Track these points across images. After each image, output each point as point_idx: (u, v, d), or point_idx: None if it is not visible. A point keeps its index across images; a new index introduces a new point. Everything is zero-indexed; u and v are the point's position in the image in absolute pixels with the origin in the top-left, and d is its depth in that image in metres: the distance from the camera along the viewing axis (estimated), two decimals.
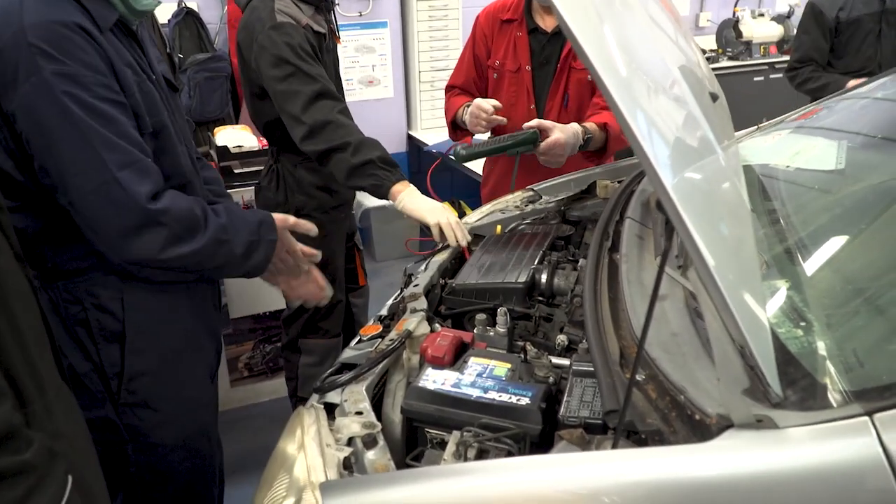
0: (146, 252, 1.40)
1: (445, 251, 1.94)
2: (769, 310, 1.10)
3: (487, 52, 2.55)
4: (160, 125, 1.50)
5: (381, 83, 4.75)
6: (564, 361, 1.39)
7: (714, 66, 5.26)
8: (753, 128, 2.22)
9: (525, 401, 1.22)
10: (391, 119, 4.86)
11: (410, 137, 4.92)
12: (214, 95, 4.15)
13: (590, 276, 1.46)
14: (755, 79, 5.56)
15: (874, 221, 1.38)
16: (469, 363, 1.35)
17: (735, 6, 5.85)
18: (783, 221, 1.46)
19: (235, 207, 1.63)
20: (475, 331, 1.50)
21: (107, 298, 1.51)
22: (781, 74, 5.66)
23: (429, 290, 1.71)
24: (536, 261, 1.73)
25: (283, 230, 1.66)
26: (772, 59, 5.62)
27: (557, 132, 2.17)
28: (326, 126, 2.07)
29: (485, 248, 1.89)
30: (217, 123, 4.09)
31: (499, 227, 2.11)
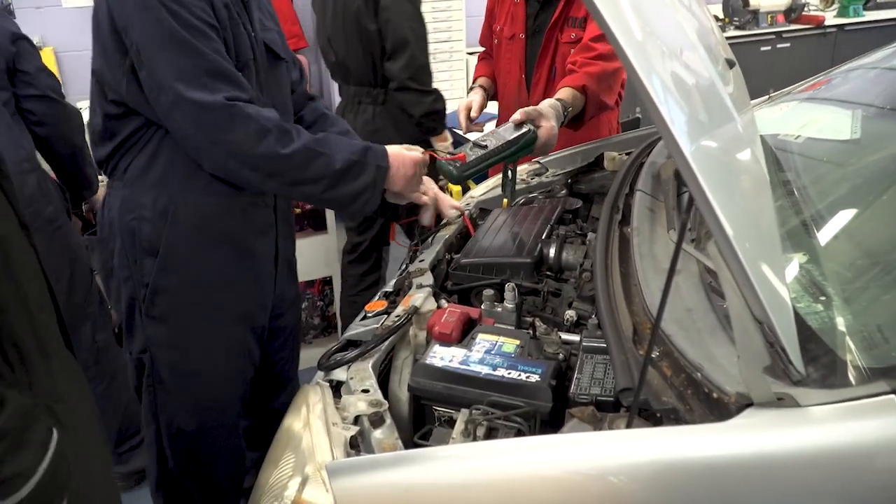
0: (239, 147, 1.49)
1: (450, 227, 1.91)
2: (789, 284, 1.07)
3: (493, 17, 2.52)
4: (241, 68, 1.57)
5: None
6: (574, 337, 1.36)
7: None
8: (765, 97, 2.16)
9: (535, 378, 1.20)
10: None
11: None
12: None
13: (600, 251, 1.42)
14: (762, 48, 5.47)
15: (893, 192, 1.34)
16: (477, 340, 1.32)
17: None
18: (798, 193, 1.42)
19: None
20: (483, 307, 1.47)
21: (156, 212, 1.60)
22: (789, 44, 5.60)
23: (434, 266, 1.68)
24: (544, 235, 1.69)
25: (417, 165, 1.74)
26: (779, 29, 5.53)
27: (546, 120, 1.91)
28: None
29: (491, 223, 1.85)
30: None
31: (505, 201, 2.07)
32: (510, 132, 1.83)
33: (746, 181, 1.02)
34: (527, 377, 1.20)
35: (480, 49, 2.72)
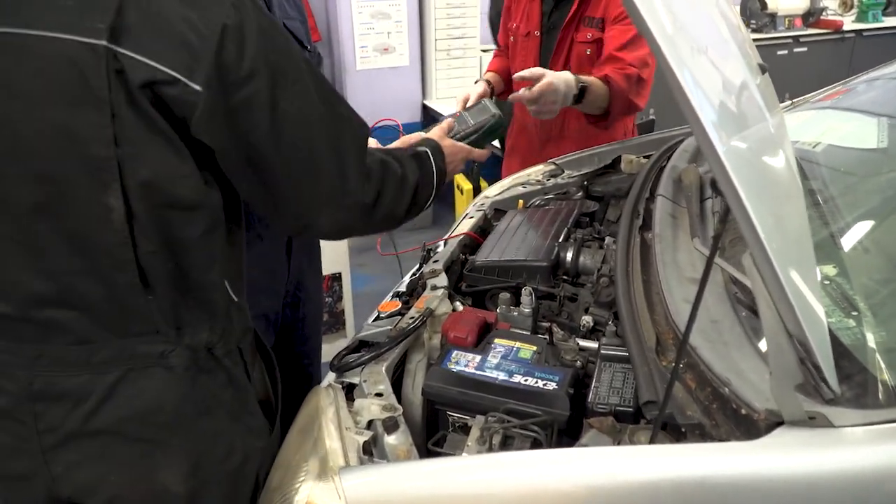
0: None
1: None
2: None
3: (510, 14, 2.49)
4: None
5: (397, 51, 4.64)
6: (591, 344, 1.33)
7: None
8: (787, 103, 2.13)
9: (552, 386, 1.17)
10: (406, 88, 4.76)
11: (425, 107, 4.82)
12: None
13: (621, 257, 1.39)
14: (779, 52, 5.42)
15: None
16: (493, 345, 1.29)
17: None
18: (824, 202, 1.39)
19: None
20: (499, 310, 1.44)
21: None
22: (806, 49, 5.54)
23: (448, 267, 1.65)
24: (561, 238, 1.66)
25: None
26: (796, 33, 5.48)
27: (548, 77, 1.94)
28: None
29: (506, 224, 1.82)
30: None
31: (520, 202, 2.04)
32: (476, 115, 1.68)
33: (780, 187, 0.99)
34: (544, 385, 1.17)
35: (494, 46, 2.69)
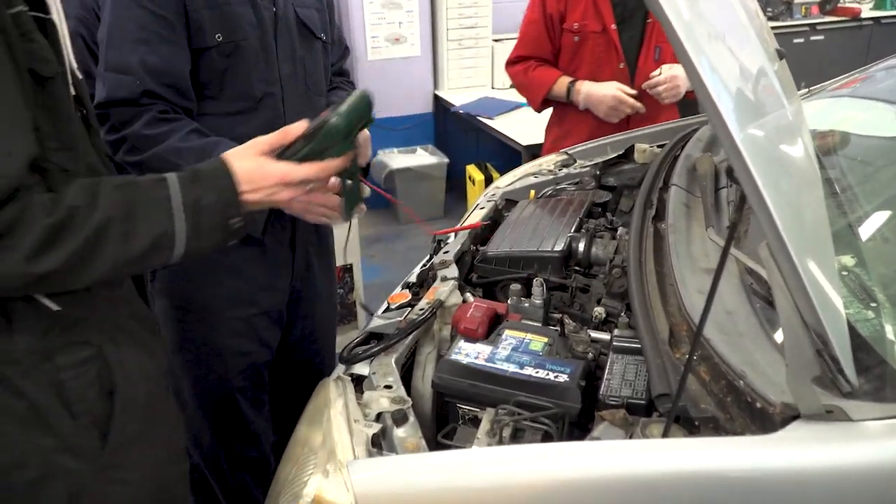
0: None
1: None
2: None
3: (562, 16, 2.42)
4: (233, 46, 1.54)
5: (408, 41, 4.61)
6: (603, 336, 1.31)
7: None
8: (803, 91, 2.09)
9: (563, 378, 1.15)
10: (417, 78, 4.73)
11: (437, 98, 4.80)
12: None
13: (633, 248, 1.37)
14: (795, 41, 5.34)
15: None
16: (504, 336, 1.28)
17: None
18: (842, 192, 1.36)
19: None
20: (509, 302, 1.43)
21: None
22: (823, 37, 5.47)
23: (459, 257, 1.63)
24: (573, 228, 1.64)
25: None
26: (813, 20, 5.40)
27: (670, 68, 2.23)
28: None
29: (518, 214, 1.80)
30: None
31: (532, 192, 2.02)
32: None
33: (798, 175, 0.96)
34: (555, 377, 1.15)
35: (506, 35, 2.63)
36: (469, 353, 1.23)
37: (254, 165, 1.05)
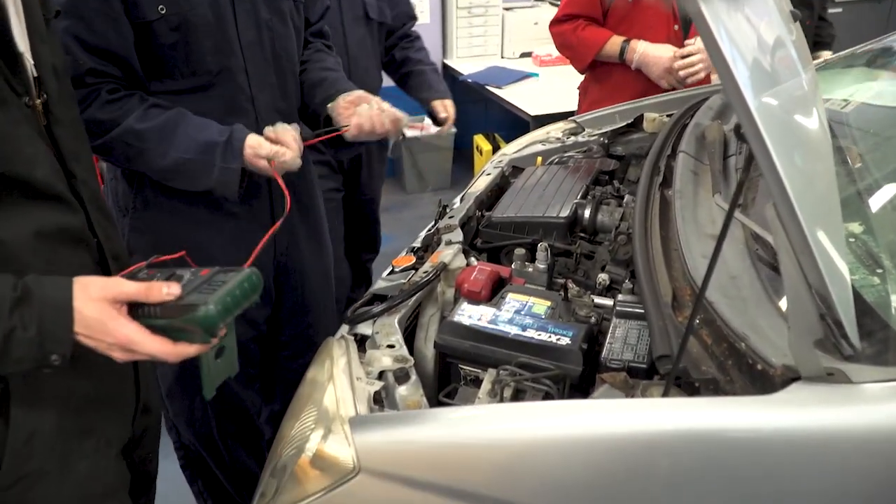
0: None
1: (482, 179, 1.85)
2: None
3: None
4: (180, 18, 1.42)
5: (417, 8, 4.53)
6: (607, 301, 1.31)
7: None
8: (819, 60, 2.06)
9: (565, 341, 1.15)
10: (426, 46, 4.68)
11: (446, 66, 4.75)
12: None
13: (640, 213, 1.36)
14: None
15: None
16: (507, 299, 1.28)
17: None
18: (852, 160, 1.35)
19: (197, 123, 1.47)
20: (513, 266, 1.43)
21: (124, 174, 1.59)
22: (841, 9, 5.37)
23: (464, 223, 1.63)
24: (579, 195, 1.64)
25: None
26: None
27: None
28: None
29: (524, 180, 1.80)
30: None
31: (539, 159, 2.01)
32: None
33: (807, 139, 0.95)
34: (557, 339, 1.16)
35: (517, 4, 2.57)
36: (472, 315, 1.24)
37: (99, 317, 0.92)
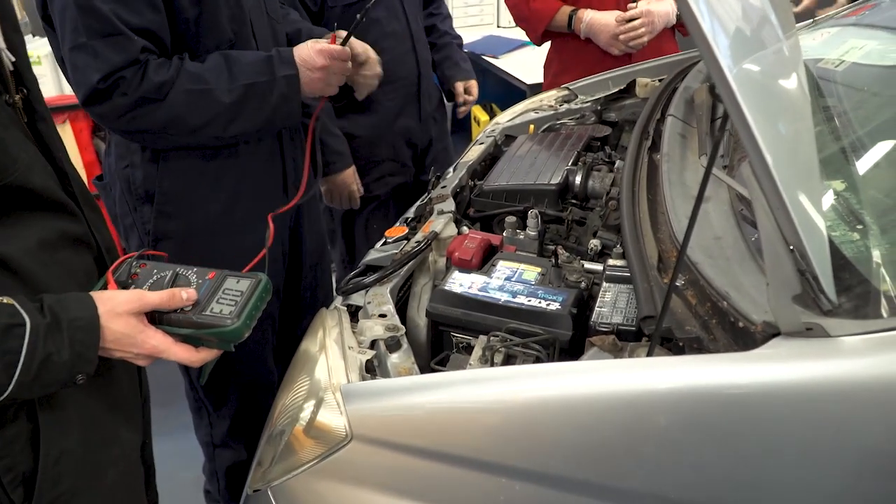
0: (106, 121, 1.47)
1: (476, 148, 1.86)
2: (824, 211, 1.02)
3: None
4: None
5: None
6: (597, 266, 1.33)
7: None
8: (808, 21, 2.05)
9: (555, 306, 1.17)
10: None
11: None
12: None
13: (627, 177, 1.37)
14: None
15: None
16: (497, 267, 1.30)
17: None
18: (838, 119, 1.35)
19: (241, 53, 1.52)
20: (504, 234, 1.44)
21: (145, 159, 1.57)
22: None
23: (457, 192, 1.64)
24: (570, 162, 1.64)
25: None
26: None
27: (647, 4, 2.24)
28: None
29: (517, 149, 1.80)
30: None
31: (531, 127, 2.01)
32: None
33: (788, 105, 0.96)
34: (547, 305, 1.17)
35: None
36: (463, 283, 1.25)
37: (126, 330, 0.93)
